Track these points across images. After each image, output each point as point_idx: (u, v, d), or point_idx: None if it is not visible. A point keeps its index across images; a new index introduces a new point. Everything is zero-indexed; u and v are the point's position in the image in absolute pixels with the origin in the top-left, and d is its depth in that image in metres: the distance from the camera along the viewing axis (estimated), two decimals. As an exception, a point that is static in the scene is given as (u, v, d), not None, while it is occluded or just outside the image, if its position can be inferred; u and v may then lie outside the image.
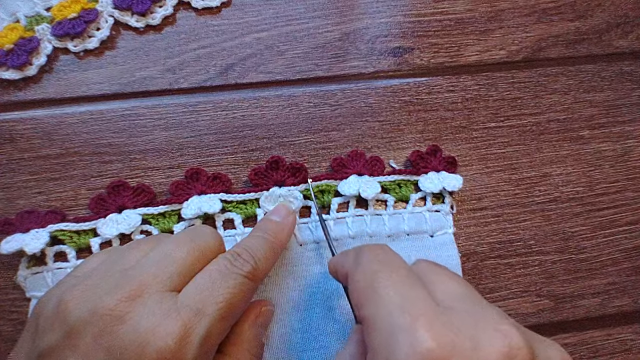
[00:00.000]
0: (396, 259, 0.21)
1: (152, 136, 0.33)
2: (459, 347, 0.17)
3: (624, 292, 0.31)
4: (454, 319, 0.18)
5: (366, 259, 0.21)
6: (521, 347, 0.17)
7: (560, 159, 0.34)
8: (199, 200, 0.30)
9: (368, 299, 0.19)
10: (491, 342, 0.17)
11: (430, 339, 0.17)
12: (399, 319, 0.18)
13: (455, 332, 0.17)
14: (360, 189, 0.31)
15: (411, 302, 0.18)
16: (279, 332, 0.29)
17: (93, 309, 0.20)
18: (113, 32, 0.36)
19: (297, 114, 0.35)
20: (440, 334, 0.17)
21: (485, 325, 0.18)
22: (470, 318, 0.18)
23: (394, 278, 0.20)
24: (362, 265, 0.21)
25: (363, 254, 0.22)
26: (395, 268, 0.20)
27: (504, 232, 0.32)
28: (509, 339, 0.17)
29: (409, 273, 0.20)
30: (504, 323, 0.18)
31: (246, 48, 0.36)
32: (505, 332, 0.17)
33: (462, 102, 0.36)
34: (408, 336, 0.17)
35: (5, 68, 0.34)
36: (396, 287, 0.19)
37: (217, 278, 0.22)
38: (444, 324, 0.17)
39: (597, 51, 0.38)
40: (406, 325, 0.17)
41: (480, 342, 0.17)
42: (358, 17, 0.38)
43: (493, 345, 0.17)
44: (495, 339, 0.17)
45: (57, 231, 0.30)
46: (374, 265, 0.21)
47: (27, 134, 0.33)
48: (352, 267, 0.22)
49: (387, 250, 0.22)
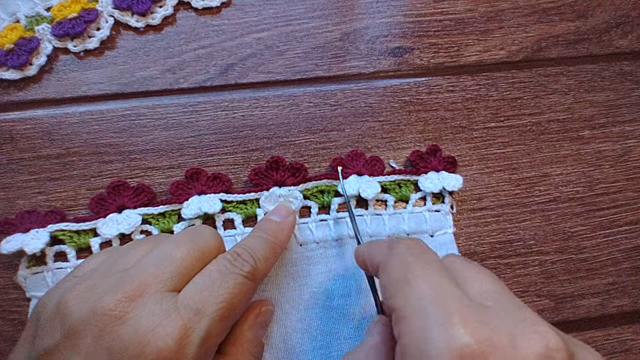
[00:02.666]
0: (430, 253, 0.21)
1: (152, 136, 0.33)
2: (496, 344, 0.17)
3: (624, 292, 0.31)
4: (491, 316, 0.18)
5: (400, 250, 0.21)
6: (560, 349, 0.17)
7: (560, 159, 0.34)
8: (199, 200, 0.30)
9: (401, 290, 0.19)
10: (529, 342, 0.17)
11: (467, 334, 0.16)
12: (433, 313, 0.17)
13: (492, 329, 0.17)
14: (360, 188, 0.31)
15: (445, 297, 0.18)
16: (279, 332, 0.29)
17: (93, 309, 0.20)
18: (113, 32, 0.36)
19: (297, 114, 0.35)
20: (477, 330, 0.17)
21: (523, 325, 0.18)
22: (507, 316, 0.18)
23: (428, 271, 0.19)
24: (396, 256, 0.21)
25: (398, 245, 0.22)
26: (430, 261, 0.20)
27: (504, 232, 0.32)
28: (546, 340, 0.17)
29: (443, 268, 0.20)
30: (542, 324, 0.18)
31: (246, 48, 0.36)
32: (544, 333, 0.17)
33: (462, 102, 0.36)
34: (443, 331, 0.17)
35: (5, 68, 0.34)
36: (430, 281, 0.19)
37: (217, 278, 0.22)
38: (480, 320, 0.17)
39: (597, 51, 0.38)
40: (441, 320, 0.17)
41: (517, 341, 0.17)
42: (358, 17, 0.38)
43: (531, 345, 0.17)
44: (534, 339, 0.17)
45: (57, 231, 0.30)
46: (408, 257, 0.20)
47: (27, 134, 0.33)
48: (385, 258, 0.21)
49: (421, 244, 0.22)
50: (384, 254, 0.22)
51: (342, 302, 0.29)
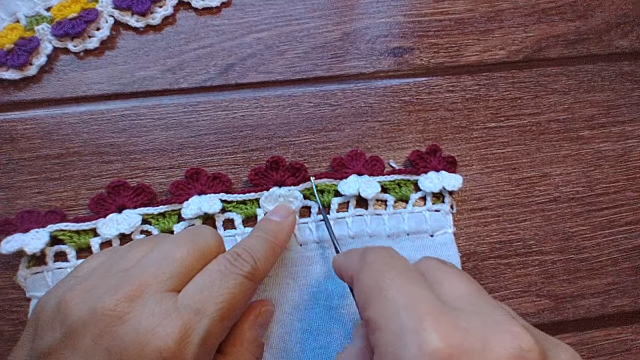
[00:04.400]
0: (401, 260, 0.21)
1: (152, 136, 0.33)
2: (468, 348, 0.16)
3: (624, 292, 0.31)
4: (462, 319, 0.18)
5: (371, 259, 0.21)
6: (532, 349, 0.17)
7: (560, 159, 0.34)
8: (199, 200, 0.30)
9: (373, 299, 0.19)
10: (501, 343, 0.17)
11: (438, 339, 0.16)
12: (406, 319, 0.17)
13: (463, 333, 0.17)
14: (360, 188, 0.31)
15: (417, 303, 0.18)
16: (279, 332, 0.29)
17: (93, 309, 0.20)
18: (113, 32, 0.36)
19: (297, 114, 0.35)
20: (448, 334, 0.17)
21: (495, 326, 0.17)
22: (479, 318, 0.18)
23: (400, 279, 0.19)
24: (367, 265, 0.21)
25: (368, 255, 0.22)
26: (401, 269, 0.20)
27: (504, 232, 0.32)
28: (519, 341, 0.17)
29: (414, 274, 0.20)
30: (515, 324, 0.18)
31: (246, 48, 0.36)
32: (516, 333, 0.17)
33: (462, 102, 0.36)
34: (416, 336, 0.17)
35: (5, 68, 0.34)
36: (402, 288, 0.19)
37: (217, 278, 0.22)
38: (451, 324, 0.17)
39: (597, 51, 0.38)
40: (413, 326, 0.17)
41: (490, 343, 0.17)
42: (358, 17, 0.38)
43: (503, 346, 0.17)
44: (506, 340, 0.17)
45: (57, 231, 0.30)
46: (379, 266, 0.20)
47: (27, 134, 0.33)
48: (357, 268, 0.22)
49: (392, 253, 0.22)
50: (356, 264, 0.22)
51: (342, 302, 0.29)
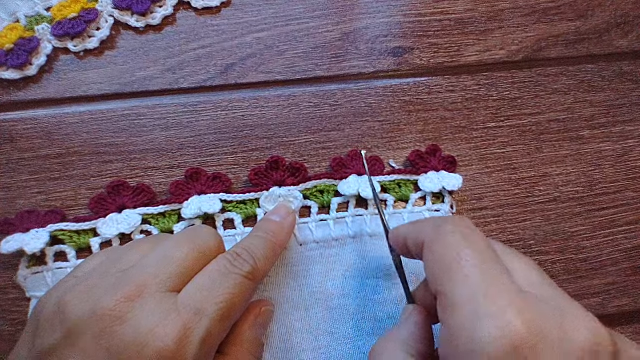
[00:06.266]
0: (481, 237, 0.20)
1: (152, 136, 0.33)
2: (547, 335, 0.17)
3: (624, 292, 0.31)
4: (542, 307, 0.18)
5: (449, 229, 0.20)
6: (607, 344, 0.17)
7: (560, 159, 0.34)
8: (199, 200, 0.30)
9: (450, 275, 0.19)
10: (578, 334, 0.17)
11: (520, 324, 0.17)
12: (485, 303, 0.17)
13: (543, 320, 0.17)
14: (360, 188, 0.31)
15: (497, 286, 0.18)
16: (279, 332, 0.29)
17: (93, 309, 0.20)
18: (113, 32, 0.36)
19: (297, 114, 0.35)
20: (529, 320, 0.17)
21: (573, 317, 0.18)
22: (558, 309, 0.18)
23: (479, 257, 0.19)
24: (444, 236, 0.20)
25: (445, 224, 0.21)
26: (482, 248, 0.20)
27: (504, 232, 0.32)
28: (595, 332, 0.17)
29: (494, 255, 0.20)
30: (592, 318, 0.18)
31: (246, 48, 0.36)
32: (593, 327, 0.18)
33: (462, 102, 0.36)
34: (496, 320, 0.17)
35: (5, 68, 0.34)
36: (481, 267, 0.19)
37: (216, 278, 0.22)
38: (532, 310, 0.17)
39: (597, 51, 0.38)
40: (494, 309, 0.17)
41: (568, 332, 0.17)
42: (358, 17, 0.38)
43: (579, 337, 0.17)
44: (583, 331, 0.17)
45: (57, 231, 0.30)
46: (458, 239, 0.20)
47: (27, 134, 0.33)
48: (432, 237, 0.21)
49: (470, 225, 0.21)
50: (430, 232, 0.21)
51: (342, 302, 0.29)
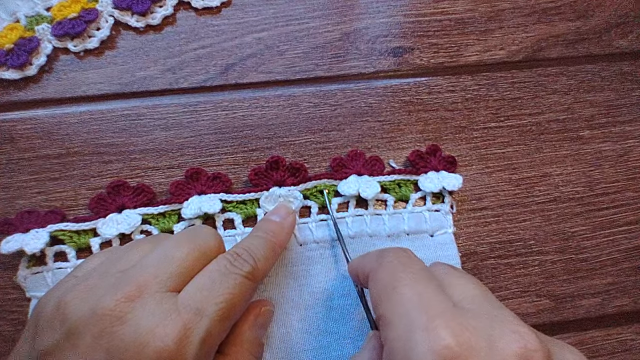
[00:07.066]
0: (417, 262, 0.22)
1: (152, 136, 0.33)
2: (475, 346, 0.17)
3: (624, 292, 0.31)
4: (471, 319, 0.18)
5: (388, 259, 0.22)
6: (537, 349, 0.17)
7: (560, 159, 0.34)
8: (199, 200, 0.30)
9: (387, 297, 0.20)
10: (507, 342, 0.17)
11: (448, 336, 0.17)
12: (417, 317, 0.18)
13: (471, 332, 0.18)
14: (360, 188, 0.31)
15: (429, 302, 0.19)
16: (279, 332, 0.29)
17: (93, 309, 0.20)
18: (113, 32, 0.36)
19: (297, 114, 0.35)
20: (457, 332, 0.17)
21: (502, 327, 0.18)
22: (487, 319, 0.19)
23: (414, 278, 0.20)
24: (384, 265, 0.22)
25: (385, 255, 0.22)
26: (416, 270, 0.21)
27: (504, 232, 0.32)
28: (525, 341, 0.18)
29: (429, 275, 0.21)
30: (521, 325, 0.18)
31: (246, 48, 0.36)
32: (522, 333, 0.18)
33: (462, 102, 0.36)
34: (426, 334, 0.17)
35: (5, 68, 0.34)
36: (415, 287, 0.20)
37: (216, 278, 0.22)
38: (461, 323, 0.18)
39: (597, 51, 0.38)
40: (424, 324, 0.18)
41: (496, 342, 0.17)
42: (358, 17, 0.38)
43: (509, 346, 0.17)
44: (512, 340, 0.18)
45: (57, 231, 0.30)
46: (395, 265, 0.21)
47: (27, 134, 0.33)
48: (375, 267, 0.22)
49: (409, 254, 0.23)
50: (374, 263, 0.23)
51: (342, 302, 0.29)
